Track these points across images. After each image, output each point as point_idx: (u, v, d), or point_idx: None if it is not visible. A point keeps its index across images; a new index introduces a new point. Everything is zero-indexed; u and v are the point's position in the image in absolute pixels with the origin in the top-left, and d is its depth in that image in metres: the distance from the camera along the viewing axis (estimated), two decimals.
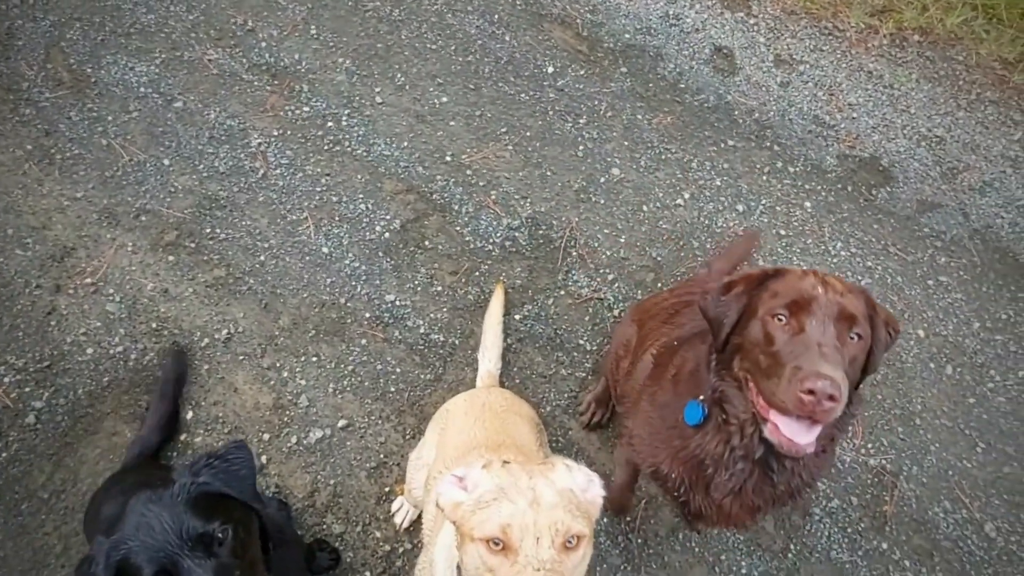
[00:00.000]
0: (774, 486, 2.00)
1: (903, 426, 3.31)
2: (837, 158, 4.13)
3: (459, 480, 1.54)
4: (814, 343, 1.71)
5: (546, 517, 1.36)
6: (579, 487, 1.51)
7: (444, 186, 3.71)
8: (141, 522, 1.57)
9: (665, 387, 2.21)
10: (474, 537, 1.40)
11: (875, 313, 1.87)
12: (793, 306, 1.79)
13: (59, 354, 3.13)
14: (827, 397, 1.60)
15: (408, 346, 3.26)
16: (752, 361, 1.85)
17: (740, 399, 1.91)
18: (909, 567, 2.98)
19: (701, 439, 2.02)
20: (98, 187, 3.51)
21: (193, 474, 1.71)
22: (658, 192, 3.84)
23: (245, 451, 1.85)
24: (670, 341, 2.39)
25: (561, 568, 1.33)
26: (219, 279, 3.34)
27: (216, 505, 1.67)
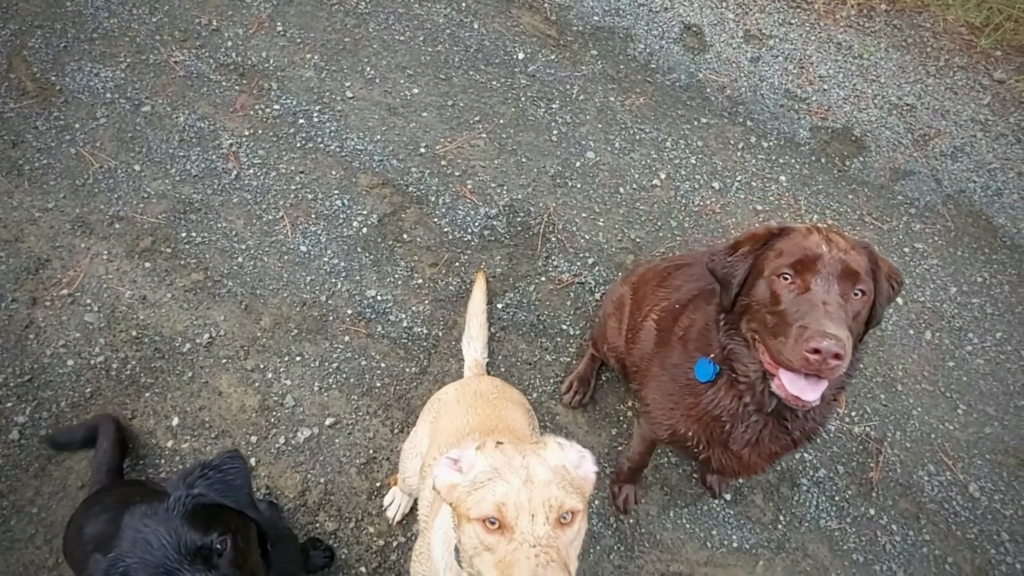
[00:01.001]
0: (789, 433, 2.08)
1: (885, 393, 3.36)
2: (810, 131, 4.15)
3: (454, 462, 1.55)
4: (819, 302, 1.76)
5: (540, 494, 1.38)
6: (571, 463, 1.53)
7: (420, 178, 3.69)
8: (138, 538, 1.56)
9: (674, 348, 2.26)
10: (470, 517, 1.42)
11: (878, 267, 1.92)
12: (798, 265, 1.84)
13: (39, 367, 3.10)
14: (832, 356, 1.66)
15: (391, 340, 3.26)
16: (759, 321, 1.90)
17: (749, 357, 1.97)
18: (896, 531, 3.04)
19: (714, 395, 2.08)
20: (69, 196, 3.47)
21: (188, 486, 1.70)
22: (634, 173, 3.85)
23: (239, 460, 1.84)
24: (671, 305, 2.42)
25: (557, 543, 1.35)
26: (197, 283, 3.32)
27: (213, 516, 1.66)
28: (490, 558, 1.38)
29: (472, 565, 1.46)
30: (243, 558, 1.66)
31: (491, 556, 1.38)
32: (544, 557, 1.30)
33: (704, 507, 3.01)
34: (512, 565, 1.31)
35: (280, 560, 2.02)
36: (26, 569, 2.71)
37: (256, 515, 1.82)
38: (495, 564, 1.36)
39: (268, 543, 1.92)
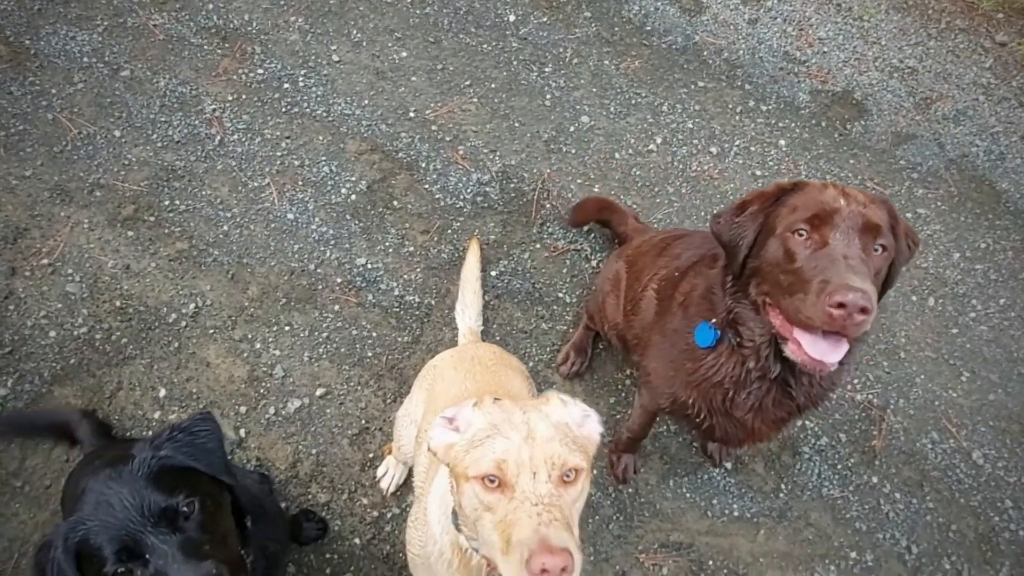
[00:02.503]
0: (793, 398, 1.99)
1: (888, 360, 3.30)
2: (810, 94, 4.06)
3: (449, 422, 1.47)
4: (840, 256, 1.64)
5: (542, 451, 1.30)
6: (575, 421, 1.45)
7: (409, 143, 3.58)
8: (100, 500, 1.49)
9: (674, 314, 2.17)
10: (469, 476, 1.34)
11: (897, 224, 1.82)
12: (815, 220, 1.72)
13: (20, 339, 3.00)
14: (859, 310, 1.54)
15: (383, 309, 3.17)
16: (772, 282, 1.79)
17: (756, 322, 1.88)
18: (900, 499, 2.99)
19: (715, 360, 2.00)
20: (47, 163, 3.35)
21: (154, 448, 1.61)
22: (629, 138, 3.75)
23: (211, 423, 1.75)
24: (670, 273, 2.33)
25: (559, 502, 1.27)
26: (182, 252, 3.21)
27: (180, 478, 1.58)
28: (490, 518, 1.30)
29: (472, 527, 1.38)
30: (212, 523, 1.58)
31: (491, 516, 1.30)
32: (547, 516, 1.23)
33: (704, 476, 2.96)
34: (513, 524, 1.24)
35: (261, 534, 1.94)
36: (10, 543, 2.63)
37: (231, 480, 1.73)
38: (496, 524, 1.28)
39: (247, 514, 1.84)
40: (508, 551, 1.24)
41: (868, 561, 2.84)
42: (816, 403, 2.09)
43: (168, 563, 1.43)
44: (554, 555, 1.17)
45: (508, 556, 1.23)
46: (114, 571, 1.45)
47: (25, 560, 2.63)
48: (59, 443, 2.75)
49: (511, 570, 1.23)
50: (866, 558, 2.85)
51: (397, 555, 2.72)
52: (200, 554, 1.46)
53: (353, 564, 2.70)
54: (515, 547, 1.22)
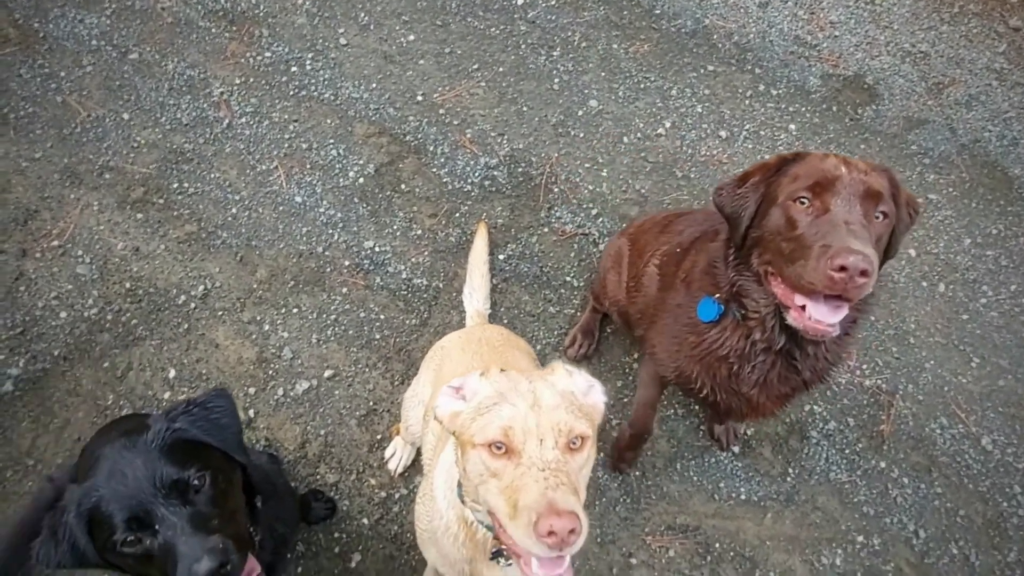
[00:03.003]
0: (799, 373, 2.00)
1: (897, 346, 3.28)
2: (821, 78, 4.02)
3: (456, 391, 1.48)
4: (841, 221, 1.65)
5: (548, 418, 1.31)
6: (580, 390, 1.46)
7: (417, 127, 3.58)
8: (113, 469, 1.50)
9: (677, 290, 2.18)
10: (475, 443, 1.35)
11: (898, 192, 1.82)
12: (816, 187, 1.73)
13: (31, 319, 3.02)
14: (859, 272, 1.55)
15: (391, 292, 3.18)
16: (774, 251, 1.80)
17: (759, 292, 1.89)
18: (908, 484, 2.98)
19: (719, 334, 2.00)
20: (57, 146, 3.36)
21: (169, 420, 1.62)
22: (638, 123, 3.73)
23: (227, 399, 1.76)
24: (672, 249, 2.33)
25: (566, 468, 1.28)
26: (191, 234, 3.22)
27: (193, 452, 1.59)
28: (496, 484, 1.31)
29: (477, 495, 1.39)
30: (222, 498, 1.59)
31: (497, 482, 1.31)
32: (553, 480, 1.24)
33: (712, 459, 2.96)
34: (520, 490, 1.24)
35: (271, 515, 1.95)
36: None
37: (244, 459, 1.74)
38: (502, 490, 1.29)
39: (258, 494, 1.85)
40: (515, 515, 1.24)
41: (875, 545, 2.84)
42: (821, 378, 2.08)
43: (176, 535, 1.44)
44: (561, 517, 1.18)
45: (516, 520, 1.24)
46: (123, 539, 1.46)
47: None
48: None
49: (518, 533, 1.24)
50: (873, 542, 2.85)
51: (405, 535, 2.74)
52: (208, 528, 1.47)
53: (361, 544, 2.72)
54: (522, 511, 1.23)
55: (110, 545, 1.47)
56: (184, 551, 1.42)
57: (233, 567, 1.46)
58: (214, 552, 1.42)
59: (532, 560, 1.34)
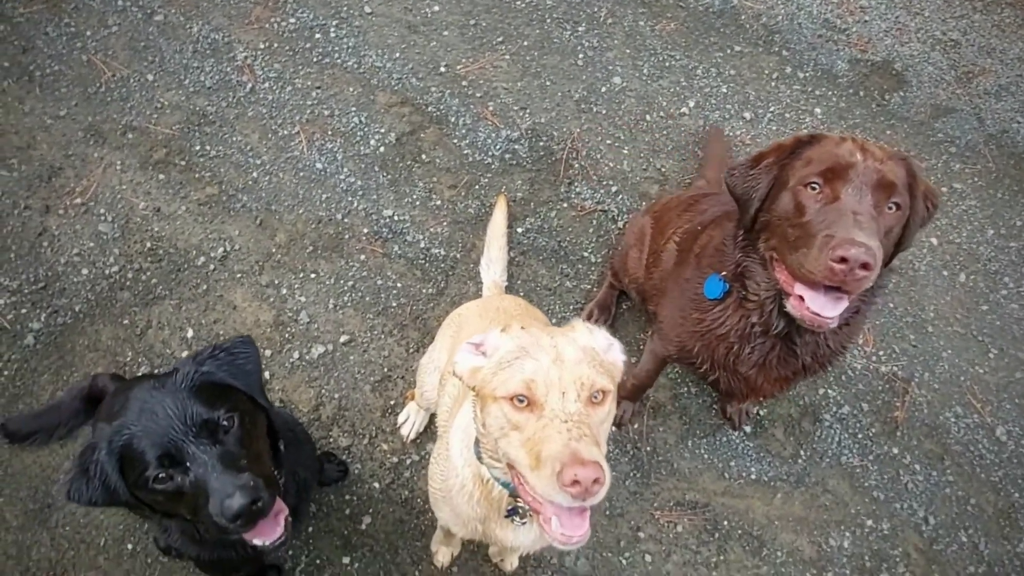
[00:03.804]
0: (798, 358, 1.98)
1: (915, 333, 3.26)
2: (848, 63, 3.97)
3: (476, 347, 1.48)
4: (848, 211, 1.62)
5: (570, 372, 1.32)
6: (601, 347, 1.46)
7: (440, 98, 3.57)
8: (144, 408, 1.52)
9: (689, 264, 2.17)
10: (497, 397, 1.36)
11: (915, 183, 1.78)
12: (828, 173, 1.70)
13: (54, 275, 3.05)
14: (860, 265, 1.53)
15: (408, 261, 3.18)
16: (779, 236, 1.77)
17: (762, 276, 1.87)
18: (919, 471, 2.97)
19: (721, 313, 1.99)
20: (82, 104, 3.38)
21: (197, 363, 1.65)
22: (662, 101, 3.70)
23: (251, 346, 1.78)
24: (693, 227, 2.33)
25: (588, 420, 1.29)
26: (212, 197, 3.24)
27: (220, 394, 1.61)
28: (518, 437, 1.32)
29: (496, 449, 1.40)
30: (249, 439, 1.61)
31: (519, 435, 1.32)
32: (576, 432, 1.24)
33: (723, 438, 2.96)
34: (543, 441, 1.25)
35: (293, 462, 1.98)
36: (42, 470, 2.71)
37: (266, 404, 1.77)
38: (523, 442, 1.30)
39: (280, 441, 1.87)
40: (538, 466, 1.25)
41: (884, 529, 2.84)
42: (823, 365, 2.07)
43: (207, 472, 1.46)
44: (585, 467, 1.19)
45: (538, 471, 1.25)
46: (155, 475, 1.48)
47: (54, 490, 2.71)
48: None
49: (541, 483, 1.24)
50: (882, 526, 2.84)
51: (415, 500, 2.76)
52: (238, 467, 1.50)
53: (372, 507, 2.75)
54: (546, 461, 1.23)
55: (141, 482, 1.50)
56: (216, 487, 1.45)
57: (264, 504, 1.49)
58: (245, 489, 1.45)
59: (552, 518, 1.35)
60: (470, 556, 2.69)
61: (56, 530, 2.66)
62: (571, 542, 1.35)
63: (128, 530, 2.67)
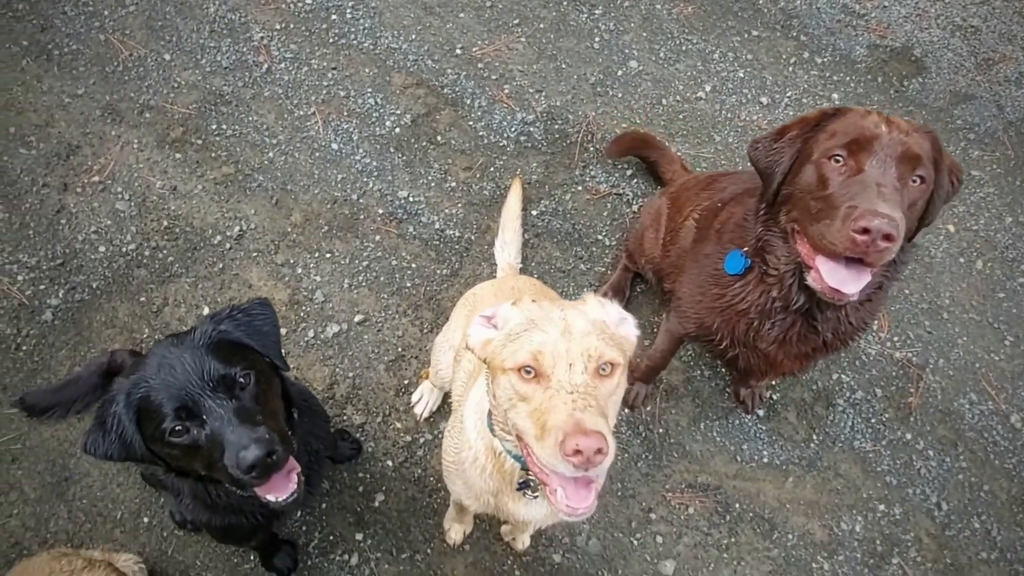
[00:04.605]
0: (819, 334, 1.97)
1: (930, 320, 3.24)
2: (867, 48, 3.93)
3: (487, 319, 1.49)
4: (872, 183, 1.61)
5: (579, 344, 1.32)
6: (612, 321, 1.46)
7: (455, 80, 3.56)
8: (162, 363, 1.54)
9: (709, 240, 2.17)
10: (505, 368, 1.37)
11: (941, 157, 1.77)
12: (852, 145, 1.69)
13: (71, 252, 3.08)
14: (883, 236, 1.52)
15: (423, 242, 3.19)
16: (802, 209, 1.77)
17: (783, 250, 1.86)
18: (933, 456, 2.96)
19: (742, 288, 1.98)
20: (99, 83, 3.40)
21: (215, 322, 1.67)
22: (678, 85, 3.68)
23: (268, 308, 1.80)
24: (713, 204, 2.32)
25: (595, 393, 1.29)
26: (228, 176, 3.25)
27: (237, 352, 1.63)
28: (525, 408, 1.33)
29: (506, 420, 1.41)
30: (265, 398, 1.63)
31: (526, 406, 1.33)
32: (581, 403, 1.25)
33: (736, 421, 2.96)
34: (548, 411, 1.26)
35: (306, 432, 1.99)
36: (60, 444, 2.74)
37: (283, 365, 1.78)
38: (530, 413, 1.31)
39: (294, 407, 1.89)
40: (543, 436, 1.26)
41: (896, 514, 2.84)
42: (844, 341, 2.06)
43: (224, 425, 1.48)
44: (588, 436, 1.19)
45: (543, 440, 1.26)
46: (172, 428, 1.50)
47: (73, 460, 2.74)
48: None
49: (545, 452, 1.25)
50: (894, 511, 2.84)
51: (428, 478, 2.78)
52: (254, 421, 1.51)
53: (385, 484, 2.77)
54: (550, 431, 1.24)
55: (158, 435, 1.52)
56: (232, 439, 1.46)
57: (278, 457, 1.50)
58: (260, 441, 1.46)
59: (558, 489, 1.36)
60: (482, 535, 2.71)
61: (73, 503, 2.69)
62: (576, 514, 1.35)
63: (144, 504, 2.70)
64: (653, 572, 2.69)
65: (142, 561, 2.54)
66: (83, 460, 2.74)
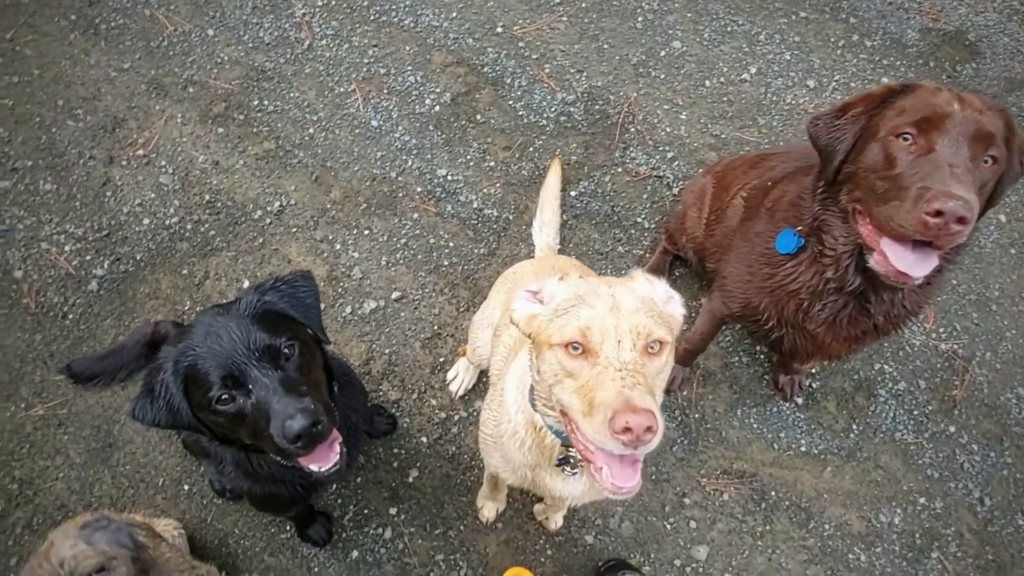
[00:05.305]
0: (871, 317, 1.92)
1: (978, 312, 3.15)
2: (919, 32, 3.81)
3: (533, 294, 1.48)
4: (945, 163, 1.55)
5: (627, 321, 1.30)
6: (660, 299, 1.44)
7: (496, 59, 3.53)
8: (209, 332, 1.55)
9: (760, 218, 2.12)
10: (552, 343, 1.35)
11: (1013, 137, 1.69)
12: (923, 123, 1.62)
13: (116, 224, 3.13)
14: (956, 219, 1.46)
15: (461, 221, 3.19)
16: (866, 188, 1.71)
17: (842, 230, 1.81)
18: (977, 451, 2.89)
19: (794, 268, 1.94)
20: (145, 58, 3.44)
21: (259, 293, 1.68)
22: (722, 67, 3.61)
23: (311, 280, 1.81)
24: (763, 182, 2.27)
25: (644, 371, 1.27)
26: (269, 152, 3.28)
27: (281, 323, 1.64)
28: (572, 384, 1.31)
29: (550, 396, 1.39)
30: (308, 369, 1.64)
31: (573, 382, 1.31)
32: (630, 380, 1.23)
33: (774, 409, 2.92)
34: (596, 388, 1.24)
35: (345, 406, 2.00)
36: (105, 411, 2.81)
37: (324, 338, 1.80)
38: (577, 389, 1.29)
39: (335, 381, 1.90)
40: (591, 412, 1.24)
41: (937, 508, 2.78)
42: (896, 325, 2.01)
43: (269, 395, 1.49)
44: (638, 414, 1.17)
45: (591, 417, 1.24)
46: (218, 396, 1.52)
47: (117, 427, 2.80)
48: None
49: (592, 429, 1.24)
50: (935, 505, 2.78)
51: (462, 456, 2.79)
52: (299, 391, 1.52)
53: (419, 461, 2.79)
54: (598, 408, 1.22)
55: (205, 402, 1.53)
56: (278, 409, 1.47)
57: (323, 427, 1.51)
58: (306, 411, 1.47)
59: (603, 467, 1.34)
60: (515, 513, 2.72)
61: (117, 468, 2.76)
62: (621, 492, 1.34)
63: (185, 472, 2.75)
64: (686, 557, 2.68)
65: (182, 527, 2.59)
66: (127, 427, 2.80)
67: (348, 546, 2.67)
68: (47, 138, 3.27)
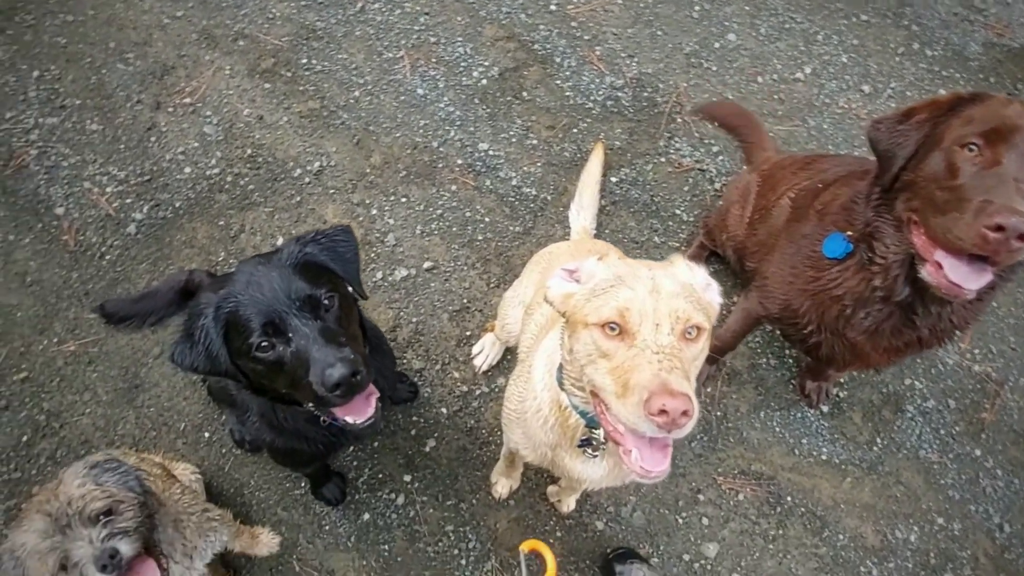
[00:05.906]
0: (916, 329, 1.88)
1: (1015, 336, 3.08)
2: (983, 46, 3.71)
3: (570, 273, 1.46)
4: (1010, 177, 1.51)
5: (666, 304, 1.28)
6: (699, 285, 1.41)
7: (547, 37, 3.49)
8: (251, 280, 1.55)
9: (809, 220, 2.08)
10: (588, 323, 1.33)
11: None
12: (991, 135, 1.57)
13: (159, 170, 3.16)
14: (1018, 236, 1.42)
15: (498, 197, 3.17)
16: (924, 198, 1.67)
17: (895, 239, 1.77)
18: (1001, 476, 2.84)
19: (840, 273, 1.90)
20: (198, 7, 3.44)
21: (301, 244, 1.68)
22: (776, 64, 3.54)
23: (351, 235, 1.80)
24: (813, 184, 2.22)
25: (681, 355, 1.25)
26: (313, 111, 3.28)
27: (321, 275, 1.64)
28: (606, 365, 1.29)
29: (582, 375, 1.38)
30: (347, 321, 1.64)
31: (607, 363, 1.29)
32: (667, 364, 1.21)
33: (797, 415, 2.88)
34: (632, 370, 1.22)
35: (375, 365, 2.01)
36: (134, 352, 2.84)
37: (362, 293, 1.80)
38: (611, 371, 1.27)
39: (367, 341, 1.90)
40: (625, 394, 1.22)
41: (955, 530, 2.74)
42: (941, 340, 1.96)
43: (309, 344, 1.49)
44: (675, 398, 1.15)
45: (625, 398, 1.22)
46: (259, 343, 1.52)
47: (145, 370, 2.84)
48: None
49: (626, 410, 1.22)
50: (953, 526, 2.74)
51: (480, 431, 2.79)
52: (338, 342, 1.52)
53: (437, 431, 2.79)
54: (634, 389, 1.20)
55: (244, 349, 1.54)
56: (318, 357, 1.47)
57: (363, 378, 1.51)
58: (346, 361, 1.47)
59: (633, 450, 1.33)
60: (528, 492, 2.72)
61: (141, 410, 2.80)
62: (650, 476, 1.32)
63: (207, 420, 2.79)
64: (695, 552, 2.67)
65: (199, 472, 2.63)
66: (154, 370, 2.84)
67: (360, 508, 2.69)
68: (96, 79, 3.30)
